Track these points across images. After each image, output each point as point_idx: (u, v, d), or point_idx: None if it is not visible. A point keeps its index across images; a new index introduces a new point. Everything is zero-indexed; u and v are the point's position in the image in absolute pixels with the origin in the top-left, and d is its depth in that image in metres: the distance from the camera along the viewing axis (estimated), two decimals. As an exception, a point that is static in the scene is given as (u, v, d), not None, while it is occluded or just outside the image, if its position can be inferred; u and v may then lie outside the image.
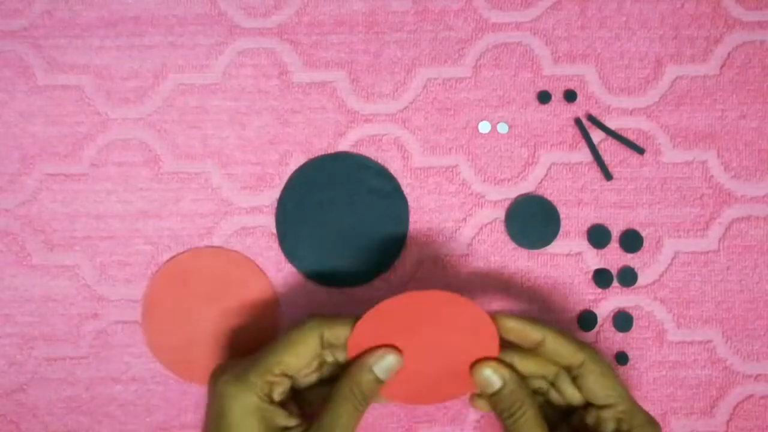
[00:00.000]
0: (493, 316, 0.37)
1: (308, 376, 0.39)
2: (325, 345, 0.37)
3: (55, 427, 0.44)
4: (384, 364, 0.37)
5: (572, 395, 0.38)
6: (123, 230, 0.44)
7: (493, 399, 0.36)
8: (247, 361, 0.37)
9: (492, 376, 0.36)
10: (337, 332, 0.37)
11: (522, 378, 0.37)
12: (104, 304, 0.44)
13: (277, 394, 0.37)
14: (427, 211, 0.44)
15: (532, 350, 0.37)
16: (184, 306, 0.43)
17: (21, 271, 0.44)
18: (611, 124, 0.44)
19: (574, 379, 0.37)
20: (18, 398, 0.44)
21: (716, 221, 0.44)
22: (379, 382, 0.37)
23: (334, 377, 0.38)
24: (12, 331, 0.44)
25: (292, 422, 0.37)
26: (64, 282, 0.44)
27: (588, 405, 0.38)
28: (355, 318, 0.37)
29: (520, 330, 0.36)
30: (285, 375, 0.37)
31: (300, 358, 0.37)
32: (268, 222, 0.44)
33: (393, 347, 0.37)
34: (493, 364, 0.36)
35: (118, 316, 0.44)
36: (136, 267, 0.44)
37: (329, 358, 0.39)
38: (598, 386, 0.36)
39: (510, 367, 0.37)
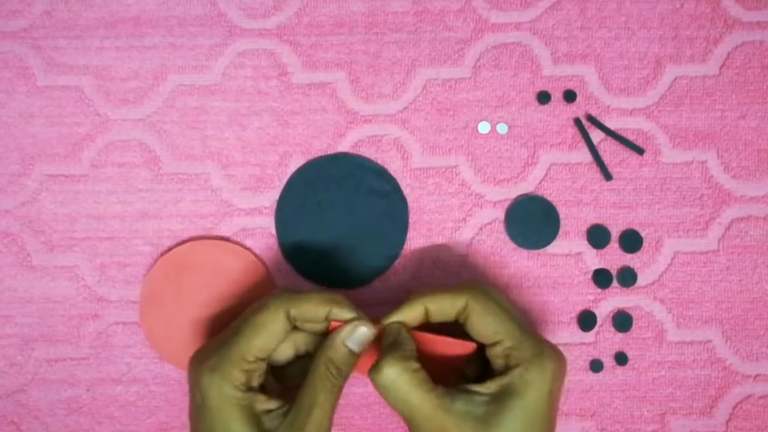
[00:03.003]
0: (379, 325, 0.37)
1: (284, 353, 0.39)
2: (292, 322, 0.37)
3: (56, 428, 0.44)
4: (356, 336, 0.36)
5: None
6: (123, 231, 0.44)
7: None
8: (222, 346, 0.37)
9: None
10: (304, 309, 0.37)
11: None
12: (104, 305, 0.44)
13: (255, 379, 0.37)
14: (427, 212, 0.44)
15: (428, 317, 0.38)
16: (181, 297, 0.43)
17: (21, 271, 0.44)
18: (611, 125, 0.44)
19: (464, 324, 0.37)
20: (19, 399, 0.44)
21: (716, 221, 0.44)
22: (353, 355, 0.36)
23: (310, 351, 0.39)
24: (12, 332, 0.44)
25: (272, 405, 0.37)
26: (64, 283, 0.44)
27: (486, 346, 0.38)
28: (320, 294, 0.37)
29: (406, 320, 0.37)
30: (259, 359, 0.37)
31: (269, 339, 0.37)
32: (268, 223, 0.44)
33: (367, 319, 0.37)
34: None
35: (118, 317, 0.44)
36: (136, 268, 0.44)
37: (300, 334, 0.39)
38: (481, 325, 0.37)
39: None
